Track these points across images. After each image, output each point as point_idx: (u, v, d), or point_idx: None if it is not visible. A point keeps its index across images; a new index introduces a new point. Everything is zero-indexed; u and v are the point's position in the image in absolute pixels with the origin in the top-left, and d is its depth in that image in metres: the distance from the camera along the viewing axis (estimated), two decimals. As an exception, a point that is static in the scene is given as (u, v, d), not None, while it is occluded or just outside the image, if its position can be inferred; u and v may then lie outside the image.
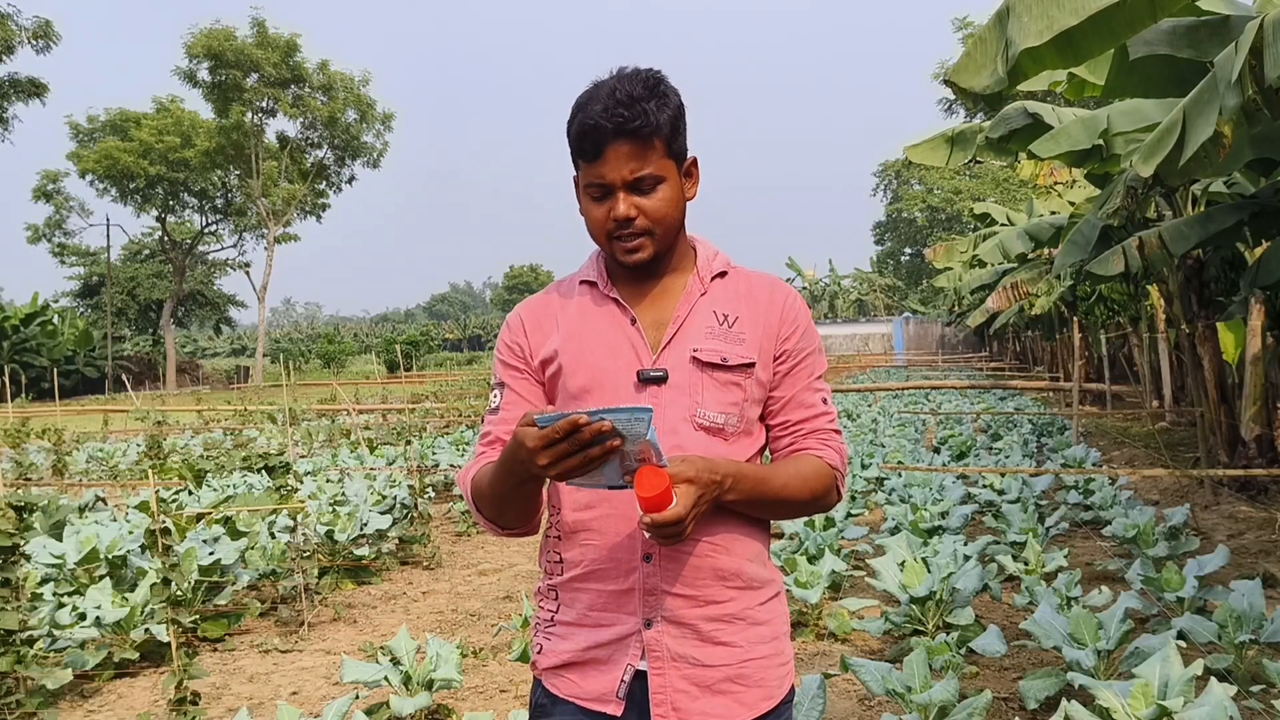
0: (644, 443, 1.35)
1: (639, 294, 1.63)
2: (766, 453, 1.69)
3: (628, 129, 1.49)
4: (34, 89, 35.99)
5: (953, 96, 34.73)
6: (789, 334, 1.63)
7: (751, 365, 1.59)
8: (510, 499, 1.54)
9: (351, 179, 50.08)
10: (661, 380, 1.56)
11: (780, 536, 6.63)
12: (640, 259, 1.56)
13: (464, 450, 11.45)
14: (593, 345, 1.59)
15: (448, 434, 14.59)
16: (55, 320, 46.62)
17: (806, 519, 6.47)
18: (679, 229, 1.61)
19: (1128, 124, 6.80)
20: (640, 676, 1.55)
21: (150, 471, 8.87)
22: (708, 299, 1.62)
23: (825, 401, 1.66)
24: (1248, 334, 8.46)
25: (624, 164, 1.51)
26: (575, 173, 1.61)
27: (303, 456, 12.46)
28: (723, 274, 1.66)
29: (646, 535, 1.44)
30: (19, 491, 7.47)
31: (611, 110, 1.49)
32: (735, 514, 1.57)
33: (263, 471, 7.17)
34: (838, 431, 1.66)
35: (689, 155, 1.60)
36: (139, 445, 14.58)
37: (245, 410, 21.32)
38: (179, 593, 4.71)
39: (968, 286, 21.24)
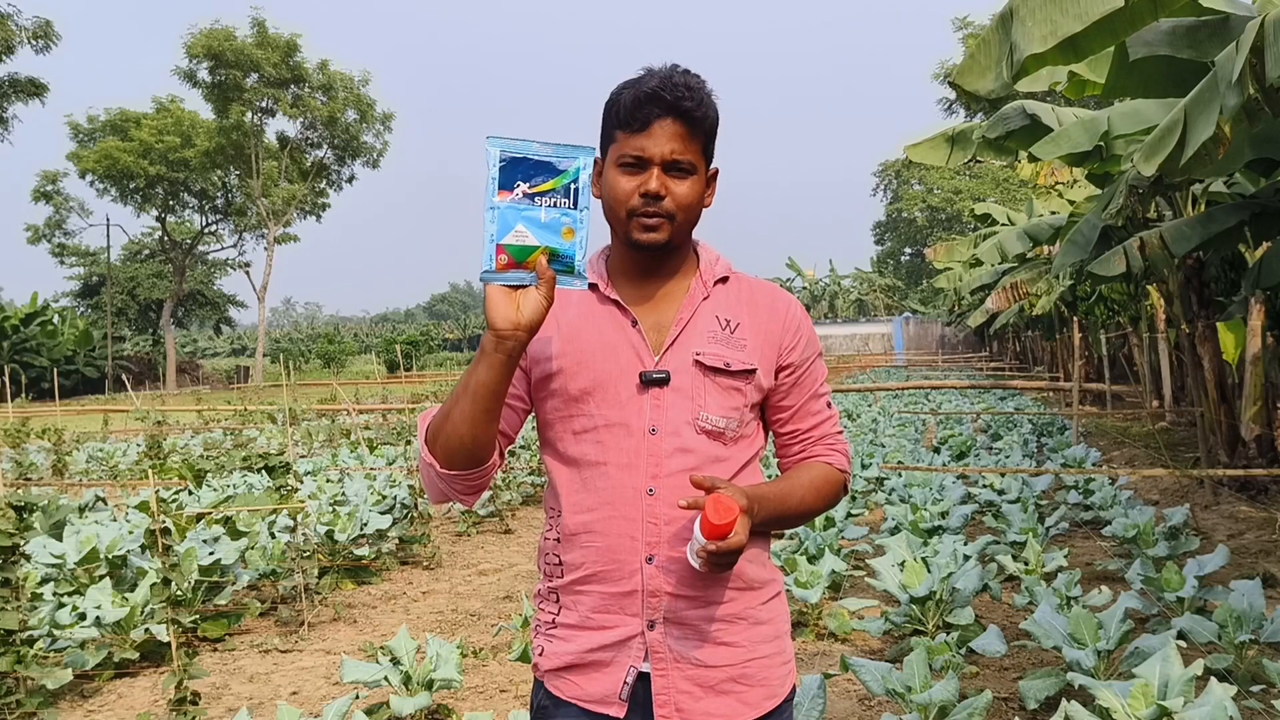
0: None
1: (640, 297, 1.62)
2: (768, 456, 1.71)
3: (682, 108, 1.52)
4: (34, 89, 35.95)
5: (953, 96, 34.76)
6: (793, 344, 1.64)
7: (753, 371, 1.59)
8: (466, 416, 1.46)
9: (351, 179, 50.06)
10: (664, 382, 1.56)
11: (780, 536, 6.63)
12: (654, 239, 1.55)
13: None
14: (594, 347, 1.58)
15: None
16: (55, 320, 46.57)
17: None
18: (692, 228, 1.61)
19: (1128, 125, 6.80)
20: (643, 678, 1.55)
21: (150, 471, 8.87)
22: (710, 303, 1.62)
23: (829, 405, 1.70)
24: (1248, 334, 8.47)
25: (668, 142, 1.52)
26: (600, 153, 1.61)
27: (303, 456, 12.46)
28: (724, 279, 1.66)
29: (697, 563, 1.45)
30: (19, 491, 7.47)
31: (672, 87, 1.52)
32: None
33: (263, 471, 7.17)
34: (841, 432, 1.71)
35: (713, 166, 1.62)
36: (139, 445, 14.58)
37: (245, 410, 21.31)
38: (179, 593, 4.72)
39: (968, 286, 21.21)
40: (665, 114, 1.52)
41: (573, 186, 1.39)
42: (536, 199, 1.39)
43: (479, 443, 1.49)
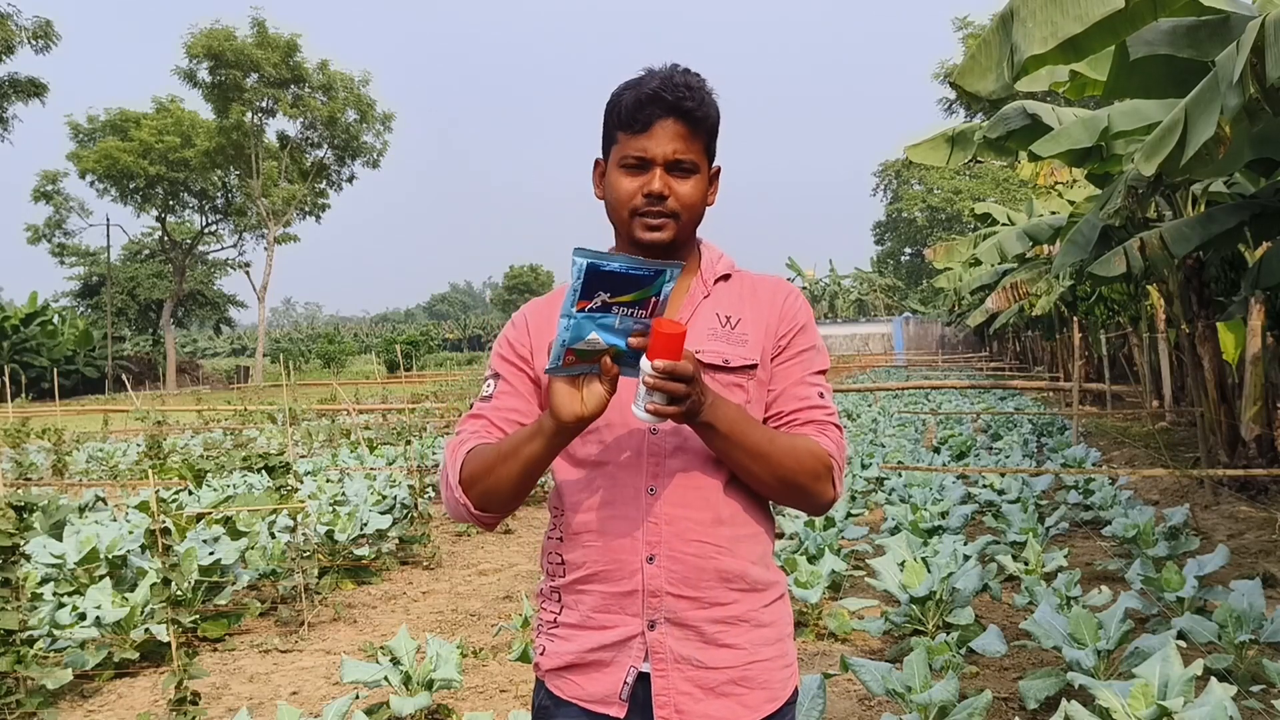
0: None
1: None
2: None
3: (683, 108, 1.52)
4: (34, 89, 35.97)
5: (954, 96, 34.75)
6: (786, 330, 1.63)
7: (754, 366, 1.59)
8: (511, 473, 1.50)
9: (351, 179, 50.09)
10: None
11: (781, 536, 6.63)
12: (658, 239, 1.55)
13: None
14: None
15: (448, 434, 14.58)
16: (55, 320, 46.59)
17: (807, 519, 6.47)
18: (696, 227, 1.62)
19: (1128, 124, 6.79)
20: (643, 678, 1.55)
21: (150, 471, 8.88)
22: (711, 301, 1.63)
23: (822, 396, 1.63)
24: (1248, 334, 8.47)
25: (670, 142, 1.53)
26: (602, 154, 1.61)
27: (303, 456, 12.47)
28: (726, 277, 1.66)
29: (645, 406, 1.38)
30: (19, 491, 7.47)
31: (673, 88, 1.52)
32: (739, 515, 1.57)
33: (263, 471, 7.17)
34: (838, 427, 1.62)
35: (715, 164, 1.63)
36: (139, 445, 14.58)
37: (245, 410, 21.32)
38: (179, 593, 4.72)
39: (968, 286, 21.23)
40: (667, 114, 1.52)
41: (654, 300, 1.38)
42: (615, 308, 1.37)
43: (518, 498, 1.56)
